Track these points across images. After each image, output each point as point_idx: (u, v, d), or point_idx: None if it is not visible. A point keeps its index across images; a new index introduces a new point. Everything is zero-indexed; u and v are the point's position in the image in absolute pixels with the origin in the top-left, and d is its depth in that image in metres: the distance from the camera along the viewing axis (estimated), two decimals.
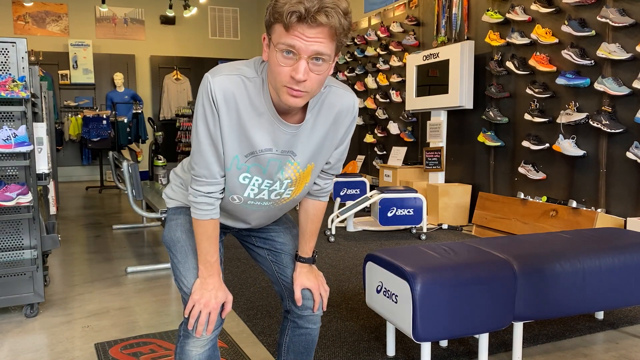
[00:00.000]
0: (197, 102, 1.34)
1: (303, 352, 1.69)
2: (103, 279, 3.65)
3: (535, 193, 4.62)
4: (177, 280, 1.50)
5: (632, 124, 3.76)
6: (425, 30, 6.11)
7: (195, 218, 1.42)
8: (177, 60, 11.03)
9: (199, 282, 1.46)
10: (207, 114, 1.31)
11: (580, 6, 4.11)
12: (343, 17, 1.20)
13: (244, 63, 1.36)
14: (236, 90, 1.30)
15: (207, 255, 1.44)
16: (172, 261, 1.53)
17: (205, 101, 1.31)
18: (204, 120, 1.32)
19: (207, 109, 1.31)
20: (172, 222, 1.56)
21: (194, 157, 1.38)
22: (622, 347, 2.43)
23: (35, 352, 2.45)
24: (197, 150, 1.36)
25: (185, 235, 1.53)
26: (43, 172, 3.04)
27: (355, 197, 5.89)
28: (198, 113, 1.34)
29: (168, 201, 1.61)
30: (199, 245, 1.44)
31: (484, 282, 2.03)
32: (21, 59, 2.85)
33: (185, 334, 1.48)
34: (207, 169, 1.37)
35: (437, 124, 5.67)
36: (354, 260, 3.97)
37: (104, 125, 8.78)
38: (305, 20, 1.17)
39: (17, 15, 9.93)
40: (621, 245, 2.37)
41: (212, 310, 1.43)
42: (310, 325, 1.65)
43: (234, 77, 1.31)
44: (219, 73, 1.31)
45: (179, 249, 1.51)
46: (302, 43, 1.19)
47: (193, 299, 1.44)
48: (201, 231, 1.43)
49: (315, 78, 1.24)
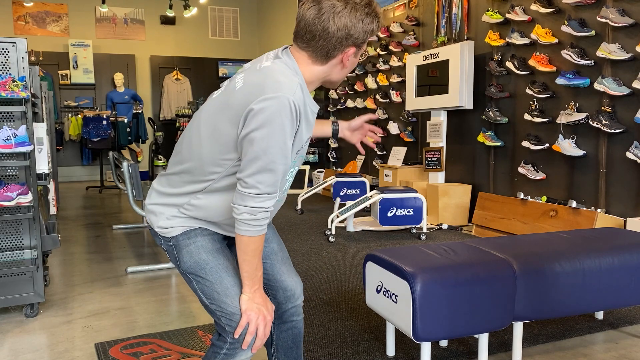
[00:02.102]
0: (271, 123, 1.30)
1: (292, 346, 1.70)
2: (103, 279, 3.65)
3: (535, 193, 4.62)
4: (216, 302, 1.43)
5: (632, 124, 3.76)
6: (425, 30, 6.12)
7: (250, 236, 1.36)
8: (177, 60, 11.04)
9: (247, 298, 1.42)
10: (287, 134, 1.32)
11: (580, 6, 4.11)
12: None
13: (285, 70, 1.38)
14: (304, 97, 1.39)
15: (257, 271, 1.41)
16: (202, 285, 1.46)
17: (287, 121, 1.31)
18: (282, 141, 1.31)
19: (288, 129, 1.32)
20: (191, 247, 1.48)
21: (258, 176, 1.32)
22: (622, 347, 2.43)
23: (35, 352, 2.46)
24: (266, 170, 1.32)
25: (212, 256, 1.47)
26: (43, 172, 3.04)
27: (355, 197, 5.89)
28: (274, 135, 1.30)
29: (167, 231, 1.50)
30: (247, 262, 1.39)
31: (483, 282, 2.03)
32: (21, 59, 2.85)
33: (230, 352, 1.44)
34: (273, 185, 1.35)
35: (437, 124, 5.67)
36: (354, 260, 3.97)
37: (104, 126, 8.79)
38: None
39: (17, 15, 9.94)
40: (621, 245, 2.37)
41: (269, 322, 1.43)
42: (295, 317, 1.67)
43: (299, 88, 1.36)
44: (292, 89, 1.33)
45: (208, 271, 1.45)
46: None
47: (248, 316, 1.40)
48: (253, 247, 1.38)
49: None
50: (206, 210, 1.47)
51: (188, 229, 1.50)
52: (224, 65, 11.38)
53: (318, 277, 3.54)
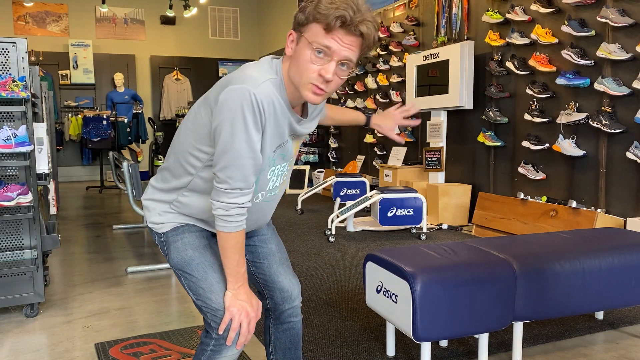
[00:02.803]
0: (233, 115, 1.29)
1: (290, 347, 1.70)
2: (103, 279, 3.65)
3: (535, 193, 4.62)
4: (202, 299, 1.44)
5: (632, 124, 3.76)
6: (425, 30, 6.12)
7: (226, 232, 1.37)
8: (177, 60, 11.04)
9: (231, 295, 1.42)
10: (250, 127, 1.30)
11: (580, 6, 4.11)
12: (377, 32, 1.33)
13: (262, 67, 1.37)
14: (273, 96, 1.34)
15: (237, 267, 1.40)
16: (189, 282, 1.47)
17: (248, 114, 1.29)
18: (245, 134, 1.30)
19: (251, 122, 1.30)
20: (178, 244, 1.50)
21: (227, 171, 1.33)
22: (622, 347, 2.43)
23: (35, 352, 2.46)
24: (234, 165, 1.32)
25: (198, 252, 1.48)
26: (43, 172, 3.04)
27: (355, 197, 5.89)
28: (236, 127, 1.29)
29: (158, 227, 1.53)
30: (228, 258, 1.39)
31: (484, 282, 2.03)
32: (21, 59, 2.85)
33: (216, 349, 1.44)
34: (244, 181, 1.34)
35: (437, 124, 5.67)
36: (354, 260, 3.97)
37: (104, 126, 8.79)
38: (347, 27, 1.26)
39: (17, 16, 9.94)
40: (621, 245, 2.37)
41: (252, 319, 1.42)
42: (293, 318, 1.66)
43: (268, 84, 1.33)
44: (257, 83, 1.30)
45: (194, 268, 1.46)
46: (338, 46, 1.28)
47: (231, 312, 1.40)
48: (232, 244, 1.38)
49: (337, 81, 1.34)
50: (192, 207, 1.50)
51: (177, 225, 1.53)
52: (224, 65, 11.38)
53: (318, 277, 3.54)
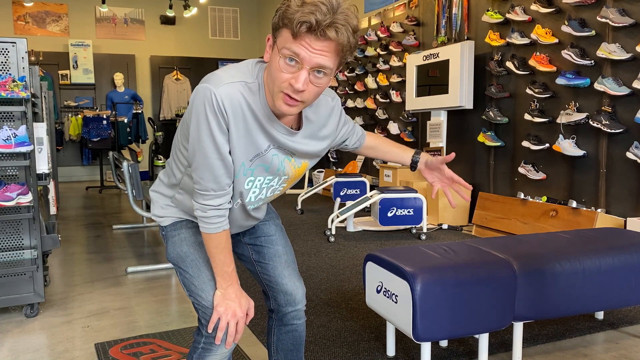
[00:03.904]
0: (197, 114, 1.27)
1: (292, 349, 1.70)
2: (103, 279, 3.65)
3: (535, 193, 4.62)
4: (193, 295, 1.44)
5: (632, 124, 3.76)
6: (425, 30, 6.11)
7: (207, 233, 1.37)
8: (177, 60, 11.04)
9: (220, 294, 1.41)
10: (213, 127, 1.27)
11: (580, 6, 4.11)
12: (352, 35, 1.21)
13: (239, 68, 1.33)
14: (241, 98, 1.28)
15: (223, 267, 1.40)
16: (184, 277, 1.47)
17: (210, 114, 1.26)
18: (209, 134, 1.27)
19: (213, 122, 1.26)
20: (175, 238, 1.51)
21: (198, 171, 1.32)
22: (622, 347, 2.43)
23: (35, 352, 2.46)
24: (203, 165, 1.31)
25: (193, 249, 1.48)
26: (43, 172, 3.04)
27: (355, 197, 5.89)
28: (201, 126, 1.27)
29: (160, 220, 1.55)
30: (213, 258, 1.40)
31: (484, 282, 2.03)
32: (21, 59, 2.85)
33: (206, 347, 1.44)
34: (215, 182, 1.33)
35: (437, 124, 5.67)
36: (354, 260, 3.97)
37: (104, 125, 8.79)
38: (314, 32, 1.17)
39: (17, 15, 9.93)
40: (621, 245, 2.37)
41: (240, 319, 1.41)
42: (295, 321, 1.66)
43: (237, 85, 1.28)
44: (221, 83, 1.26)
45: (189, 264, 1.46)
46: (307, 53, 1.19)
47: (218, 312, 1.40)
48: (214, 244, 1.38)
49: (313, 90, 1.25)
50: (186, 205, 1.51)
51: (177, 220, 1.54)
52: (224, 65, 11.38)
53: (318, 277, 3.54)
